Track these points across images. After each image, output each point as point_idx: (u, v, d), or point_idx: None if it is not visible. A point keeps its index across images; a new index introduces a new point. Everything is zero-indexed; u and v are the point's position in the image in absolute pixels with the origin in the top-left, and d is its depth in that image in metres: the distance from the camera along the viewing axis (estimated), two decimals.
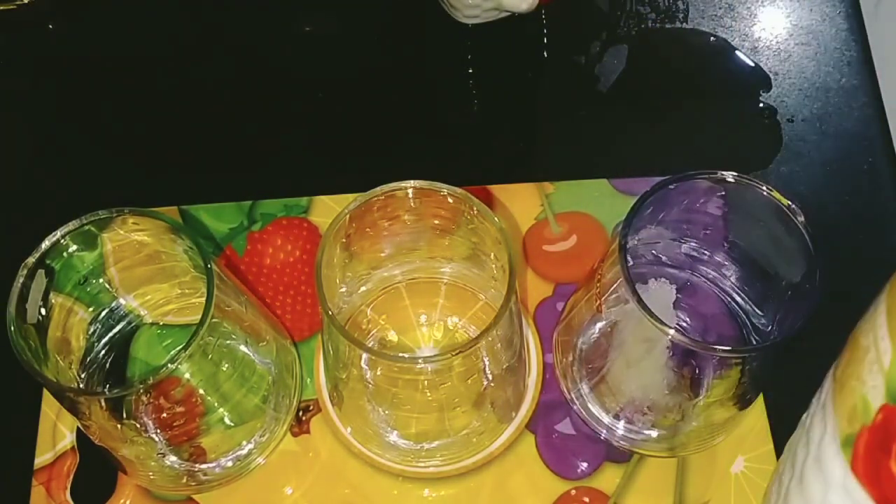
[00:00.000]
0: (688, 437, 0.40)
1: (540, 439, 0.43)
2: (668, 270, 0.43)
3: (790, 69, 0.53)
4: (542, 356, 0.44)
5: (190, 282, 0.42)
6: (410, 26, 0.56)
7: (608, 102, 0.53)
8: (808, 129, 0.51)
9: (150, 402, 0.39)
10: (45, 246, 0.36)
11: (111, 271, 0.40)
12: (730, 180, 0.37)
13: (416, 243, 0.42)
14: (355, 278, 0.42)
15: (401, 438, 0.41)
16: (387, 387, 0.38)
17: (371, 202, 0.37)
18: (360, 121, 0.53)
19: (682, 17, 0.55)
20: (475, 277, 0.43)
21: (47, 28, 0.56)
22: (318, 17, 0.56)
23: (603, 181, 0.49)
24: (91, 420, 0.37)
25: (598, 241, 0.47)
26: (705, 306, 0.43)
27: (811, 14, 0.55)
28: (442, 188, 0.37)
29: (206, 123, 0.52)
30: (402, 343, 0.44)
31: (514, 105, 0.54)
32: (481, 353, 0.37)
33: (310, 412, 0.43)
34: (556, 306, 0.45)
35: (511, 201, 0.48)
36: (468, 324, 0.44)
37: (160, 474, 0.40)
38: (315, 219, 0.48)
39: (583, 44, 0.55)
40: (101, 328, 0.42)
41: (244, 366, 0.40)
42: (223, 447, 0.41)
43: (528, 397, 0.43)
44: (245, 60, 0.55)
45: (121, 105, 0.53)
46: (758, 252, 0.40)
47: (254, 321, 0.40)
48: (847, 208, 0.49)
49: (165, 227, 0.37)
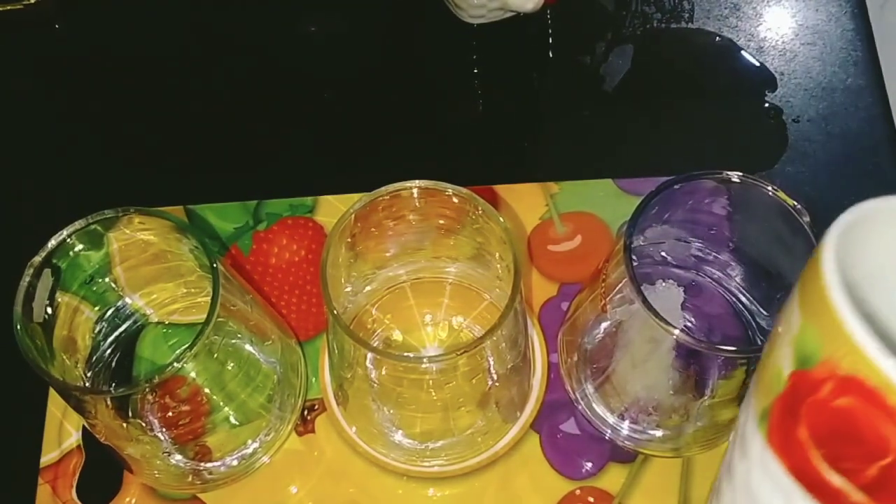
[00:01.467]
0: (693, 437, 0.40)
1: (545, 439, 0.43)
2: (672, 270, 0.43)
3: (796, 69, 0.53)
4: (547, 356, 0.44)
5: (195, 281, 0.42)
6: (416, 26, 0.56)
7: (613, 102, 0.53)
8: (813, 129, 0.51)
9: (155, 400, 0.39)
10: (52, 245, 0.36)
11: (117, 270, 0.40)
12: (735, 180, 0.37)
13: (421, 243, 0.42)
14: (360, 278, 0.42)
15: (405, 438, 0.41)
16: (392, 386, 0.38)
17: (376, 202, 0.37)
18: (366, 120, 0.53)
19: (688, 17, 0.55)
20: (480, 277, 0.43)
21: (53, 28, 0.56)
22: (325, 18, 0.56)
23: (608, 181, 0.49)
24: (97, 419, 0.37)
25: (603, 241, 0.47)
26: (710, 306, 0.43)
27: (817, 14, 0.55)
28: (447, 188, 0.37)
29: (212, 123, 0.52)
30: (407, 343, 0.44)
31: (519, 105, 0.54)
32: (486, 352, 0.37)
33: (315, 411, 0.43)
34: (560, 306, 0.45)
35: (516, 201, 0.48)
36: (473, 323, 0.44)
37: (165, 473, 0.40)
38: (320, 218, 0.48)
39: (588, 44, 0.55)
40: (106, 327, 0.42)
41: (249, 365, 0.40)
42: (228, 446, 0.41)
43: (532, 397, 0.43)
44: (252, 60, 0.55)
45: (127, 105, 0.53)
46: (763, 252, 0.40)
47: (259, 320, 0.40)
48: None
49: (171, 226, 0.37)
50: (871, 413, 0.22)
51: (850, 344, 0.22)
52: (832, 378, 0.23)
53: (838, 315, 0.23)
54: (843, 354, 0.23)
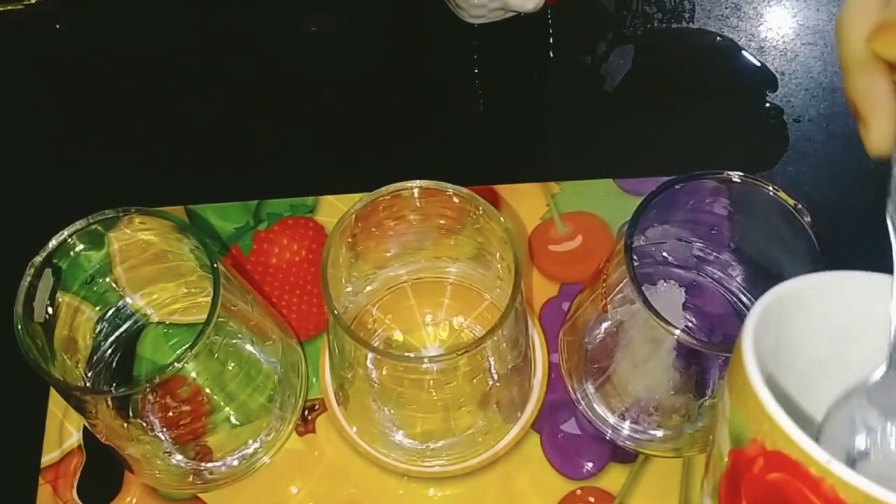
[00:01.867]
0: (693, 437, 0.40)
1: (545, 439, 0.43)
2: (673, 270, 0.43)
3: (797, 69, 0.53)
4: (548, 356, 0.44)
5: (196, 281, 0.42)
6: (416, 26, 0.56)
7: (614, 102, 0.53)
8: (814, 129, 0.51)
9: (156, 400, 0.39)
10: (53, 245, 0.36)
11: (118, 270, 0.40)
12: (736, 180, 0.37)
13: (422, 243, 0.42)
14: (361, 278, 0.42)
15: (406, 438, 0.41)
16: (392, 386, 0.38)
17: (377, 202, 0.37)
18: (366, 121, 0.53)
19: (689, 17, 0.55)
20: (481, 277, 0.43)
21: (53, 28, 0.56)
22: (325, 18, 0.56)
23: (609, 181, 0.49)
24: (98, 419, 0.37)
25: (604, 241, 0.47)
26: (711, 306, 0.43)
27: (818, 14, 0.55)
28: (448, 188, 0.37)
29: (213, 123, 0.52)
30: (408, 342, 0.44)
31: (520, 105, 0.54)
32: (487, 352, 0.37)
33: (315, 411, 0.43)
34: (561, 306, 0.45)
35: (517, 201, 0.48)
36: (473, 323, 0.44)
37: (166, 473, 0.40)
38: (321, 218, 0.48)
39: (589, 44, 0.55)
40: (107, 327, 0.42)
41: (250, 365, 0.40)
42: (229, 446, 0.41)
43: (533, 397, 0.43)
44: (253, 61, 0.55)
45: (127, 105, 0.53)
46: (764, 252, 0.40)
47: (260, 320, 0.40)
48: (853, 208, 0.49)
49: (172, 226, 0.38)
50: (799, 484, 0.24)
51: (770, 422, 0.25)
52: (762, 454, 0.26)
53: (759, 399, 0.25)
54: (766, 432, 0.25)
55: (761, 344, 0.27)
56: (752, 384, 0.26)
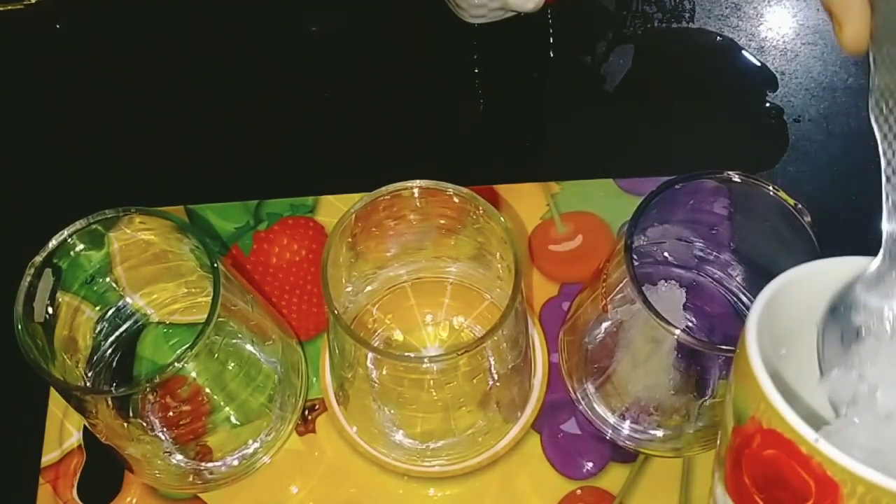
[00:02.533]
0: (694, 437, 0.40)
1: (545, 439, 0.43)
2: (673, 270, 0.43)
3: (797, 69, 0.53)
4: (548, 356, 0.44)
5: (196, 281, 0.42)
6: (416, 26, 0.56)
7: (614, 102, 0.53)
8: (814, 128, 0.51)
9: (156, 400, 0.39)
10: (53, 245, 0.36)
11: (118, 270, 0.40)
12: (736, 180, 0.37)
13: (422, 243, 0.42)
14: (361, 278, 0.42)
15: (406, 438, 0.41)
16: (392, 386, 0.38)
17: (377, 202, 0.37)
18: (366, 120, 0.53)
19: (689, 17, 0.55)
20: (481, 277, 0.43)
21: (53, 28, 0.56)
22: (325, 18, 0.56)
23: (609, 181, 0.49)
24: (98, 418, 0.37)
25: (604, 240, 0.47)
26: (711, 306, 0.43)
27: (818, 14, 0.55)
28: (448, 188, 0.37)
29: (213, 123, 0.52)
30: (408, 342, 0.44)
31: (520, 105, 0.54)
32: (487, 352, 0.37)
33: (315, 411, 0.43)
34: (561, 306, 0.45)
35: (517, 201, 0.48)
36: (474, 323, 0.44)
37: (166, 473, 0.40)
38: (321, 218, 0.48)
39: (589, 44, 0.55)
40: (107, 327, 0.42)
41: (250, 365, 0.40)
42: (229, 446, 0.41)
43: (533, 397, 0.43)
44: (253, 61, 0.55)
45: (127, 104, 0.53)
46: (764, 252, 0.40)
47: (260, 320, 0.40)
48: (853, 208, 0.49)
49: (172, 226, 0.38)
50: (791, 461, 0.26)
51: (766, 402, 0.27)
52: (759, 432, 0.27)
53: (756, 379, 0.27)
54: (763, 411, 0.27)
55: (767, 327, 0.29)
56: (751, 365, 0.27)
